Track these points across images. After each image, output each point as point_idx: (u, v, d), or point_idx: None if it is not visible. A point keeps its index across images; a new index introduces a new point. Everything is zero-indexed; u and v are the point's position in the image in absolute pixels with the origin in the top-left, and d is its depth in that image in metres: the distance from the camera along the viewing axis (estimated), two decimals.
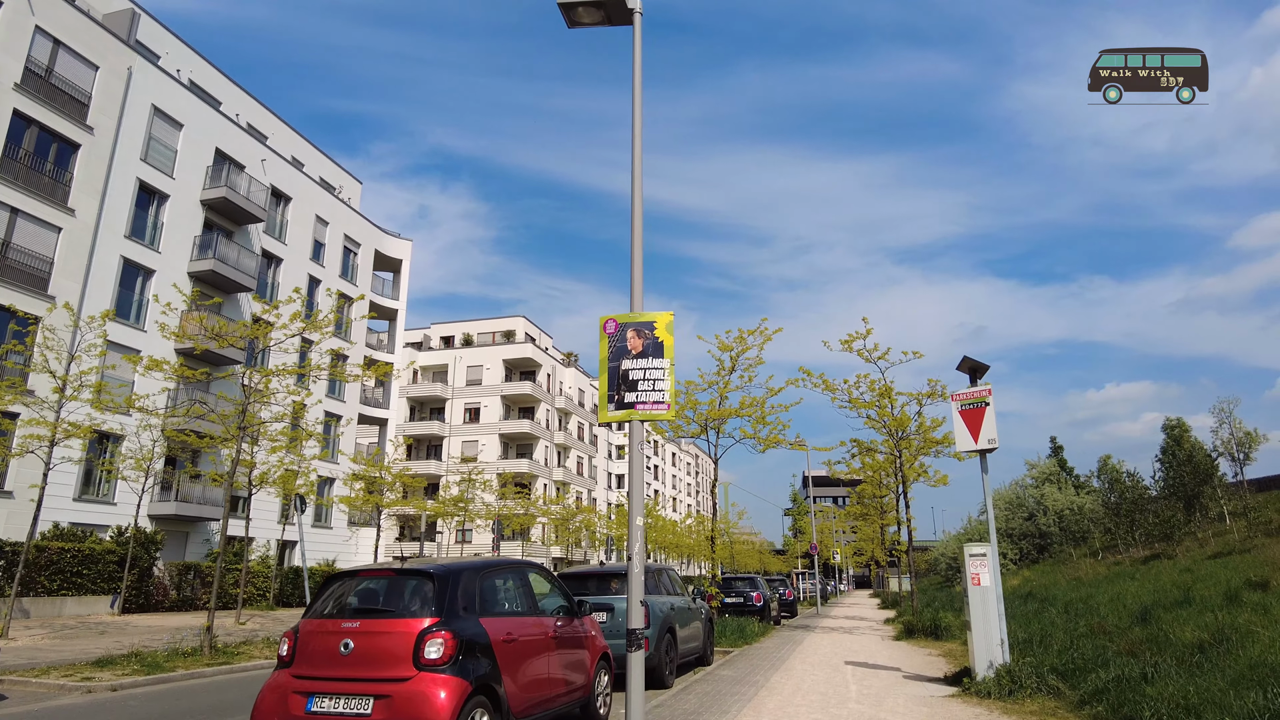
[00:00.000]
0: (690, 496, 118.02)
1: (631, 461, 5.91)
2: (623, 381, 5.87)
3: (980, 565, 8.93)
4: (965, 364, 9.75)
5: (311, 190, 39.96)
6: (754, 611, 19.83)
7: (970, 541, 8.56)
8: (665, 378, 5.82)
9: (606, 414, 5.89)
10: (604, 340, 6.03)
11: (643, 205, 6.11)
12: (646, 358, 5.86)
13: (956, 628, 15.62)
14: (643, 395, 5.82)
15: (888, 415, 17.48)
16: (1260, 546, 25.92)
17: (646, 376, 5.83)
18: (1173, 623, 13.66)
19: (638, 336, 5.90)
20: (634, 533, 5.67)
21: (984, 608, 8.79)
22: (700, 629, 11.95)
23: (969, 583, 8.99)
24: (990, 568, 8.91)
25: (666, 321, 5.92)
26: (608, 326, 5.99)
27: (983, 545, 9.03)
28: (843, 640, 15.96)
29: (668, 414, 5.78)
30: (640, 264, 6.02)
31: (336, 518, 39.18)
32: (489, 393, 61.74)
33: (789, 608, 26.71)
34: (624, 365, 5.90)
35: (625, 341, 5.91)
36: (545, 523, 56.32)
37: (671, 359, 5.85)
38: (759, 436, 17.86)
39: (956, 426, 9.55)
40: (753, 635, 15.39)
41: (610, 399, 5.90)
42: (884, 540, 42.47)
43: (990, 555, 8.98)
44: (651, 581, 10.77)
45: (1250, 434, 48.51)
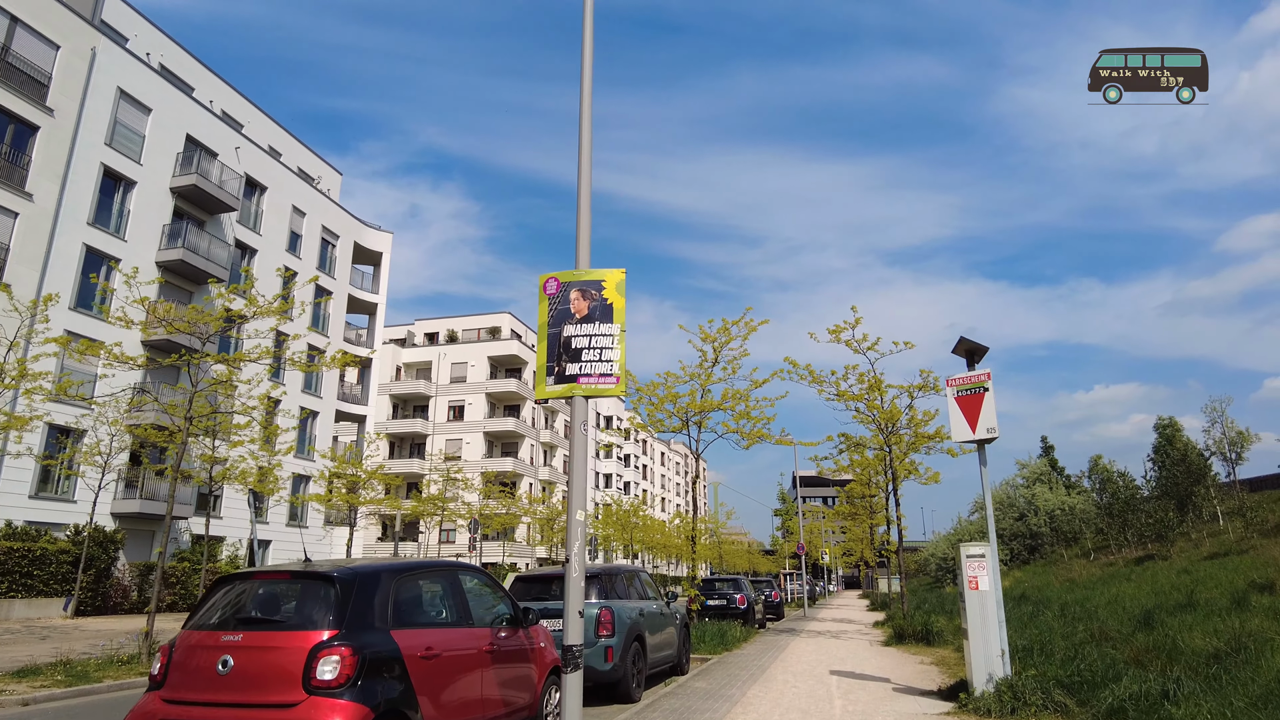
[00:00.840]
0: (680, 496, 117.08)
1: (574, 446, 5.02)
2: (564, 350, 4.97)
3: (978, 568, 8.07)
4: (962, 346, 8.89)
5: (288, 180, 38.88)
6: (737, 615, 18.95)
7: (967, 541, 7.74)
8: (615, 345, 4.92)
9: (544, 389, 4.98)
10: (543, 303, 5.12)
11: (591, 145, 5.19)
12: (593, 322, 4.96)
13: (949, 632, 14.78)
14: (587, 366, 4.92)
15: (877, 408, 16.61)
16: (1258, 547, 25.25)
17: (592, 344, 4.93)
18: (1178, 628, 12.86)
19: (583, 298, 5.00)
20: (573, 529, 4.77)
21: (982, 614, 7.92)
22: (674, 636, 11.06)
23: (965, 586, 8.12)
24: (989, 570, 8.05)
25: (617, 281, 5.02)
26: (548, 286, 5.09)
27: (981, 545, 8.18)
28: (829, 646, 15.10)
29: (616, 388, 4.88)
30: (587, 212, 5.10)
31: (313, 516, 38.09)
32: (473, 390, 60.70)
33: (775, 610, 25.85)
34: (566, 331, 4.99)
35: (568, 303, 5.01)
36: (530, 522, 55.34)
37: (622, 324, 4.95)
38: (742, 431, 16.98)
39: (952, 415, 8.69)
40: (734, 641, 14.51)
41: (549, 371, 5.00)
42: (873, 541, 41.71)
43: (989, 557, 8.12)
44: (620, 585, 9.87)
45: (1243, 433, 47.96)
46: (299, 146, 43.24)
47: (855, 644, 15.48)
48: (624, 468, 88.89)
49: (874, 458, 22.00)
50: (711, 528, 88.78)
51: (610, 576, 9.65)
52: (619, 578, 9.91)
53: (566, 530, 4.86)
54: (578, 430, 5.00)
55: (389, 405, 61.62)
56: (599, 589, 9.17)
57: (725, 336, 17.60)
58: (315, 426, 39.39)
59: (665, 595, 11.35)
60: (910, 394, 16.68)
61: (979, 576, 8.02)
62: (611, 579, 9.65)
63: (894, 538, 19.77)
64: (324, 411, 40.16)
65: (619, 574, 9.99)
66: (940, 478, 20.36)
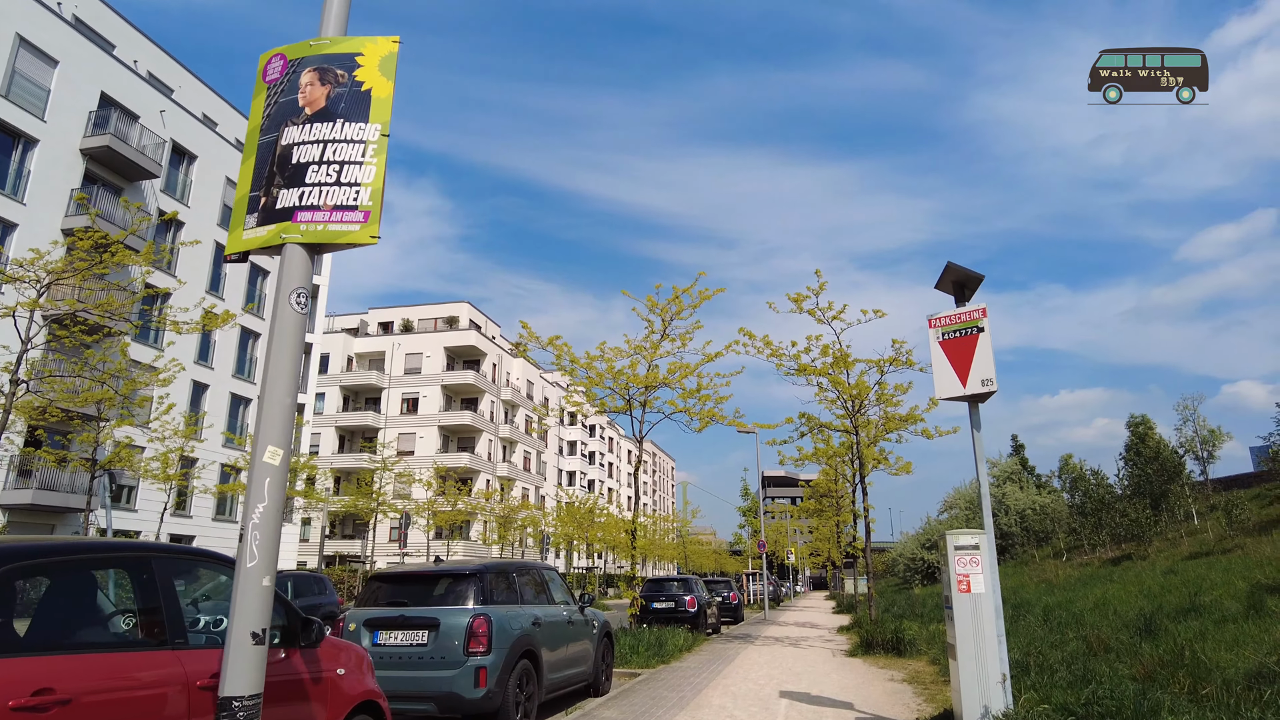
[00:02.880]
0: (645, 495, 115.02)
1: (275, 335, 2.84)
2: (279, 168, 2.79)
3: (970, 563, 6.05)
4: (950, 276, 6.87)
5: (224, 151, 36.15)
6: (686, 619, 16.86)
7: (956, 530, 5.81)
8: (367, 159, 2.78)
9: (240, 236, 2.80)
10: (259, 96, 2.95)
11: None
12: (332, 120, 2.82)
13: (923, 641, 12.83)
14: (313, 194, 2.77)
15: (842, 385, 14.63)
16: (1245, 546, 23.76)
17: (327, 156, 2.79)
18: (1189, 637, 11.00)
19: (320, 81, 2.86)
20: (258, 481, 2.61)
21: (976, 626, 5.90)
22: (589, 649, 8.93)
23: (953, 588, 6.09)
24: (986, 567, 6.03)
25: (382, 56, 2.88)
26: (269, 69, 2.93)
27: (974, 534, 6.16)
28: (785, 656, 13.06)
29: (362, 232, 2.73)
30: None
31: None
32: (428, 382, 58.09)
33: (732, 612, 23.82)
34: (286, 137, 2.82)
35: (297, 92, 2.82)
36: (487, 520, 52.91)
37: (385, 124, 2.79)
38: (691, 410, 14.92)
39: (936, 365, 6.67)
40: (674, 651, 12.43)
41: (252, 205, 2.83)
42: (839, 540, 39.96)
43: (986, 549, 6.10)
44: (513, 585, 7.71)
45: (1214, 432, 47.08)
46: (238, 117, 40.46)
47: (815, 654, 13.46)
48: (588, 465, 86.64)
49: (840, 445, 20.07)
50: (678, 527, 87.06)
51: (498, 575, 7.50)
52: (511, 576, 7.76)
53: (249, 478, 2.70)
54: (284, 307, 2.83)
55: (339, 397, 58.80)
56: (479, 591, 7.02)
57: (675, 306, 15.55)
58: (247, 414, 36.66)
59: (580, 599, 9.20)
60: (880, 368, 14.71)
61: (971, 575, 6.00)
62: (500, 578, 7.51)
63: (861, 534, 17.84)
64: (256, 399, 37.37)
65: (511, 571, 7.83)
66: (912, 468, 18.48)
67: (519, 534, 54.74)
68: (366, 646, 6.81)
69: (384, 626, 6.86)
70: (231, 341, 35.82)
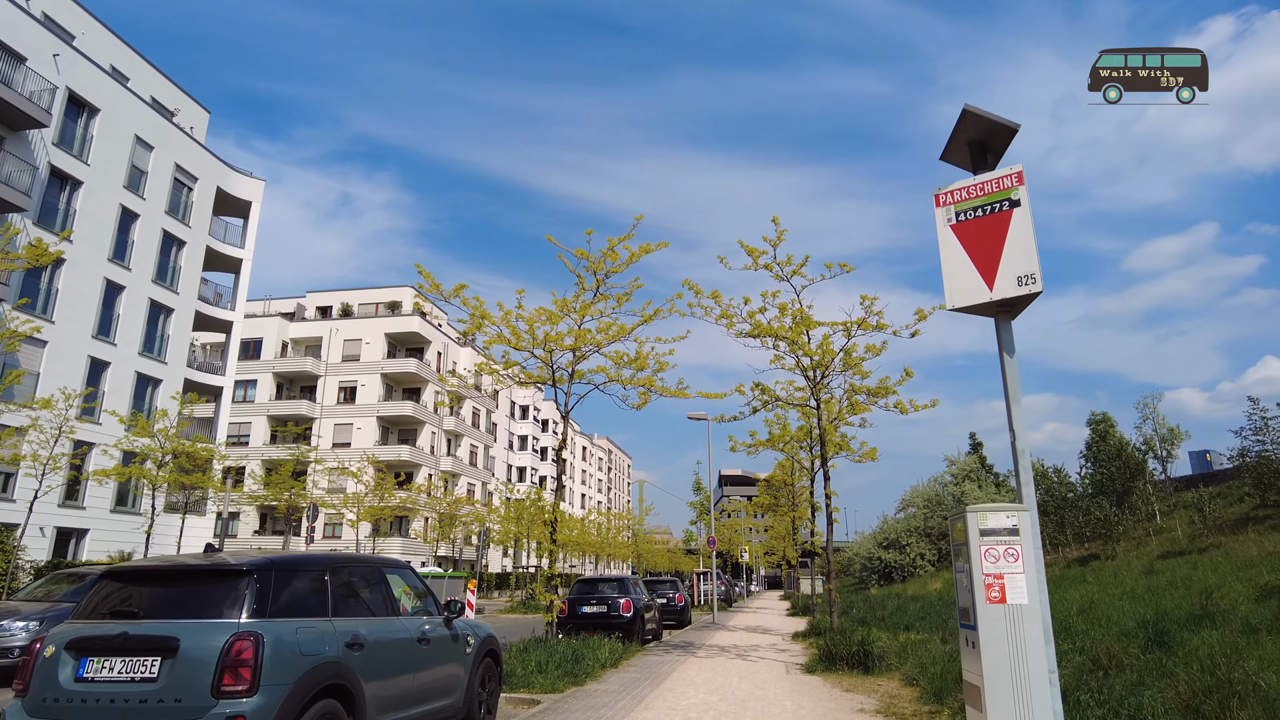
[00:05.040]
0: (601, 493, 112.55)
1: None
2: None
3: (1006, 557, 3.88)
4: (964, 132, 4.65)
5: (132, 106, 32.83)
6: (618, 626, 14.52)
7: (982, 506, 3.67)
8: None
9: None
10: None
11: None
12: None
13: (894, 654, 10.68)
14: None
15: (804, 346, 12.44)
16: (1222, 545, 22.30)
17: None
18: (1213, 650, 9.01)
19: None
20: None
21: (1016, 658, 3.72)
22: (458, 674, 6.56)
23: (977, 596, 3.88)
24: (1030, 563, 3.81)
25: None
26: None
27: (1010, 510, 3.96)
28: (730, 674, 10.82)
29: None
30: None
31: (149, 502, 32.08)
32: (368, 370, 54.91)
33: (678, 616, 21.57)
34: None
35: None
36: (430, 517, 49.94)
37: None
38: (623, 379, 12.60)
39: (947, 261, 4.47)
40: (593, 668, 10.10)
41: None
42: (795, 538, 38.07)
43: (1028, 534, 3.88)
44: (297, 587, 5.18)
45: (1174, 430, 46.40)
46: (154, 74, 37.09)
47: (766, 670, 11.25)
48: (540, 461, 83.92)
49: (798, 430, 17.93)
50: (631, 524, 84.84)
51: (286, 572, 5.01)
52: (315, 575, 5.28)
53: None
54: None
55: (272, 384, 55.28)
56: (251, 595, 4.61)
57: (611, 258, 13.22)
58: (155, 397, 33.36)
59: (445, 608, 6.78)
60: (848, 331, 12.56)
61: (1008, 577, 3.81)
62: (291, 576, 5.04)
63: (821, 527, 15.72)
64: (168, 380, 34.11)
65: (315, 568, 5.35)
66: (877, 455, 16.41)
67: (464, 531, 51.92)
68: (66, 683, 4.35)
69: (95, 650, 4.41)
70: (139, 315, 32.52)
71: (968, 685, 4.12)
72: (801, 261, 12.48)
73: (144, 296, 32.99)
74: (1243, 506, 27.85)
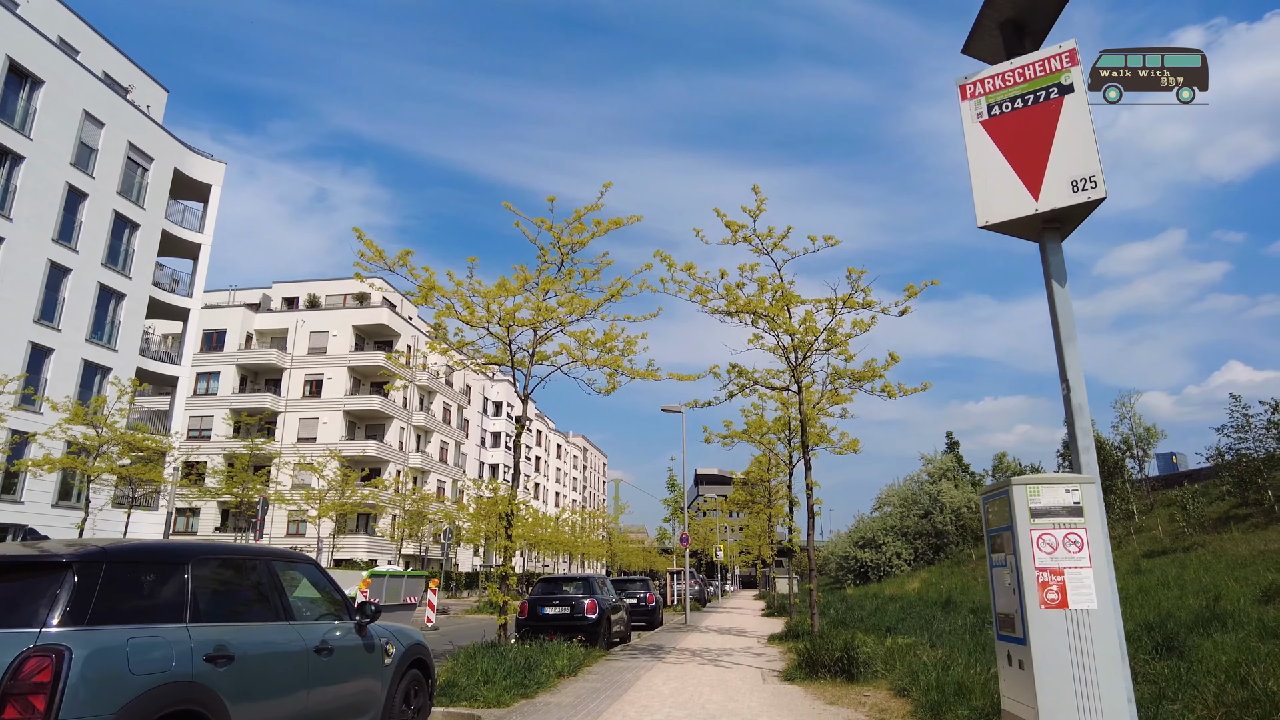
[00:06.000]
0: (575, 491, 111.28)
1: None
2: None
3: (1068, 545, 2.90)
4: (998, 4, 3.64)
5: (81, 80, 31.19)
6: (582, 629, 13.47)
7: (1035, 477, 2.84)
8: None
9: None
10: None
11: None
12: None
13: (880, 660, 9.72)
14: None
15: (786, 323, 11.45)
16: (1206, 544, 21.74)
17: None
18: (1234, 658, 8.15)
19: None
20: None
21: (1084, 681, 2.71)
22: (373, 690, 5.48)
23: (1028, 596, 2.89)
24: (1098, 553, 2.79)
25: None
26: None
27: (1071, 482, 2.95)
28: (701, 683, 9.80)
29: None
30: None
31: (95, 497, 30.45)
32: (334, 363, 53.30)
33: (648, 616, 20.54)
34: None
35: None
36: (397, 514, 48.49)
37: None
38: (587, 360, 11.54)
39: (977, 164, 3.49)
40: (548, 677, 9.04)
41: None
42: (771, 536, 37.21)
43: (1093, 513, 2.87)
44: (142, 586, 4.03)
45: (1150, 430, 46.23)
46: (108, 49, 35.42)
47: (741, 678, 10.25)
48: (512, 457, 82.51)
49: (775, 421, 16.99)
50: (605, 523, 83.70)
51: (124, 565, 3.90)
52: (173, 569, 4.16)
53: None
54: None
55: (236, 377, 53.48)
56: (66, 596, 3.50)
57: (577, 230, 12.16)
58: (104, 386, 31.71)
59: (358, 611, 5.66)
60: (832, 308, 11.59)
61: (1069, 572, 2.80)
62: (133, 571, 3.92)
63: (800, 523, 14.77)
64: (120, 369, 32.45)
65: (174, 560, 4.22)
66: (859, 446, 15.54)
67: (434, 529, 50.51)
68: None
69: None
70: (87, 300, 30.89)
71: (1009, 717, 3.13)
72: (783, 233, 11.53)
73: (93, 280, 31.37)
74: (1223, 505, 27.40)
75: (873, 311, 11.39)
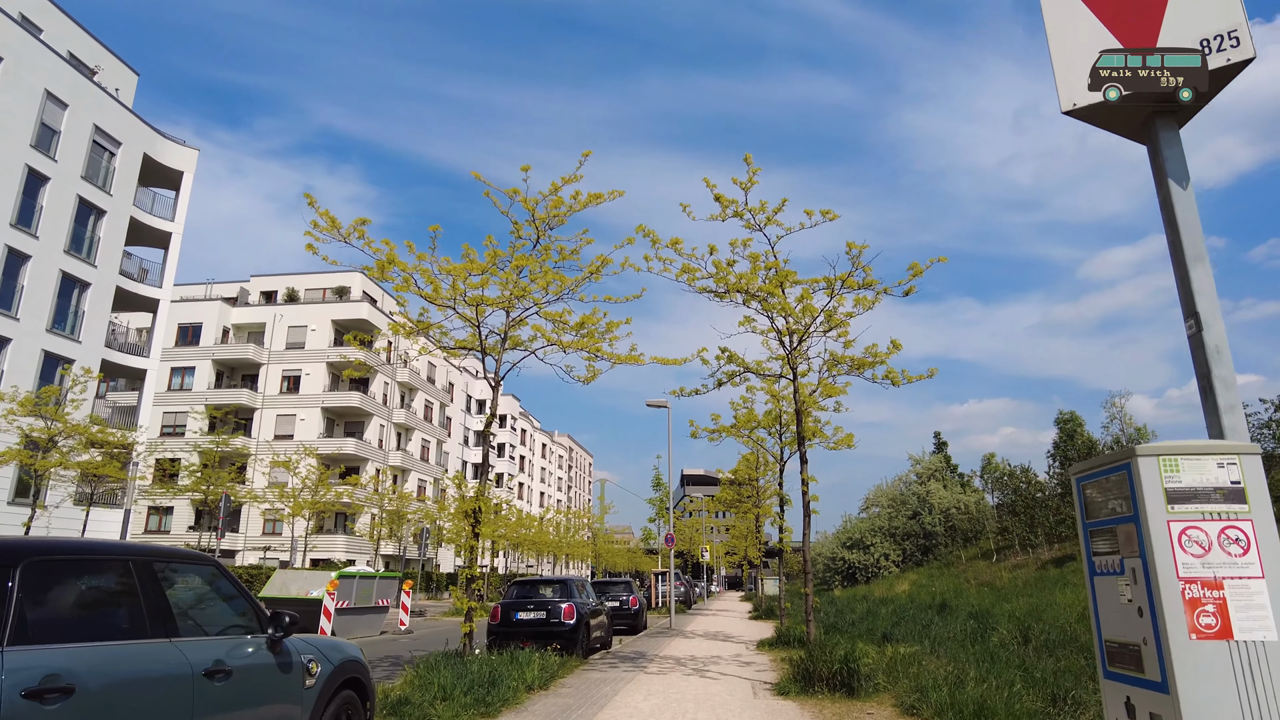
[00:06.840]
0: (561, 492, 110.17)
1: None
2: None
3: (1224, 539, 1.91)
4: None
5: (41, 57, 29.90)
6: (558, 635, 12.51)
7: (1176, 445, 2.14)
8: None
9: None
10: None
11: None
12: None
13: (881, 672, 8.82)
14: None
15: (784, 303, 10.54)
16: None
17: None
18: None
19: None
20: None
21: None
22: (287, 717, 4.51)
23: (1169, 623, 1.92)
24: (1269, 548, 1.86)
25: None
26: None
27: (1225, 455, 2.00)
28: (684, 697, 8.87)
29: None
30: None
31: (54, 494, 29.19)
32: (313, 358, 52.05)
33: (631, 620, 19.62)
34: None
35: None
36: (376, 513, 47.32)
37: None
38: (564, 344, 10.60)
39: (1053, 29, 2.48)
40: (514, 691, 8.10)
41: None
42: (759, 536, 36.40)
43: (1259, 492, 1.93)
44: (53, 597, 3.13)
45: (1140, 430, 45.82)
46: (74, 28, 34.14)
47: (730, 691, 9.33)
48: (496, 457, 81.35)
49: (766, 415, 16.09)
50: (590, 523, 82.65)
51: None
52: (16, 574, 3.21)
53: None
54: None
55: (211, 372, 52.10)
56: None
57: (554, 202, 11.22)
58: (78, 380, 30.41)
59: (271, 622, 4.68)
60: (830, 288, 10.69)
61: (1231, 585, 1.82)
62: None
63: (790, 523, 13.84)
64: (83, 360, 31.16)
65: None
66: (854, 441, 14.70)
67: (414, 529, 49.37)
68: None
69: None
70: (47, 288, 29.60)
71: None
72: (777, 206, 10.63)
73: (54, 268, 30.09)
74: None
75: (875, 290, 10.52)
